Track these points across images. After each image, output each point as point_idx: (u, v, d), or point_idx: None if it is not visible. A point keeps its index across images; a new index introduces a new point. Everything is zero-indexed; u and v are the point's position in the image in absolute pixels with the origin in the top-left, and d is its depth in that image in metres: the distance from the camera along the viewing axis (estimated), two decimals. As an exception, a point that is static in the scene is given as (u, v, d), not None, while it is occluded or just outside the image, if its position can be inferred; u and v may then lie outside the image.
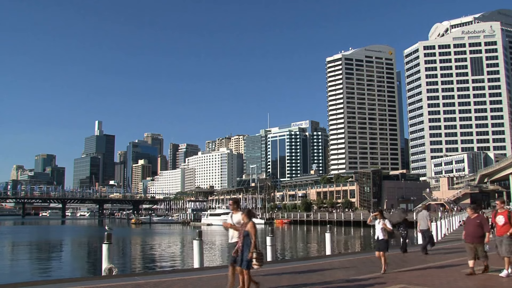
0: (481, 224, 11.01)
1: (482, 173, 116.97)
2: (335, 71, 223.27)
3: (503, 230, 10.88)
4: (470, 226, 11.21)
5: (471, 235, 11.11)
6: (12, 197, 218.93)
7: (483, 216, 11.31)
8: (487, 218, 11.23)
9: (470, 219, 11.32)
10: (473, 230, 11.06)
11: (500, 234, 10.91)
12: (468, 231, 11.25)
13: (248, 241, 8.43)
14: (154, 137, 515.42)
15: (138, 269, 30.39)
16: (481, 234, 10.98)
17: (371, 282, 10.45)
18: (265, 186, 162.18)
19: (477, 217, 11.20)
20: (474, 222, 11.13)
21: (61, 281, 11.16)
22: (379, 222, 11.94)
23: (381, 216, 12.10)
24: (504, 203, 11.41)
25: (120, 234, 70.70)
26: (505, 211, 11.02)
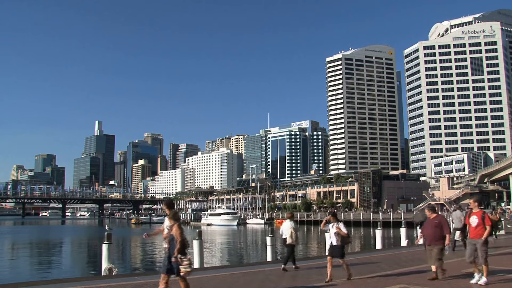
0: (440, 225, 10.23)
1: (482, 173, 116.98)
2: (335, 71, 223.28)
3: (476, 233, 9.99)
4: (428, 227, 10.42)
5: (430, 237, 10.33)
6: (12, 197, 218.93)
7: (442, 217, 10.50)
8: (446, 219, 10.35)
9: (428, 220, 10.56)
10: (432, 231, 10.28)
11: (474, 237, 10.04)
12: (426, 233, 10.47)
13: (174, 246, 7.80)
14: (154, 137, 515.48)
15: (138, 269, 30.40)
16: (439, 236, 10.19)
17: (371, 282, 10.45)
18: (265, 186, 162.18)
19: (436, 218, 10.44)
20: (432, 223, 10.37)
21: (61, 281, 11.16)
22: (333, 226, 10.92)
23: (335, 219, 11.08)
24: (478, 202, 10.42)
25: (120, 234, 70.71)
26: (479, 211, 10.17)
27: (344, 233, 10.82)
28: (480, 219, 9.94)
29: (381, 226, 23.46)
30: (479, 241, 9.81)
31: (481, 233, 9.83)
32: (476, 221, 9.99)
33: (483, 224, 9.88)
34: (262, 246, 43.25)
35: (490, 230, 9.97)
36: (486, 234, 9.81)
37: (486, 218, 9.93)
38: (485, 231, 9.84)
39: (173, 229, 7.94)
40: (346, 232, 10.85)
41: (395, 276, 11.27)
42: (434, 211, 10.60)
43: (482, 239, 9.75)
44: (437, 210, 14.18)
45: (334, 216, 11.19)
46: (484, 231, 9.84)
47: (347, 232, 10.90)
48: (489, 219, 10.00)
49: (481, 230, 9.87)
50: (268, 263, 14.99)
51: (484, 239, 9.77)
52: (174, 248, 7.79)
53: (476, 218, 10.03)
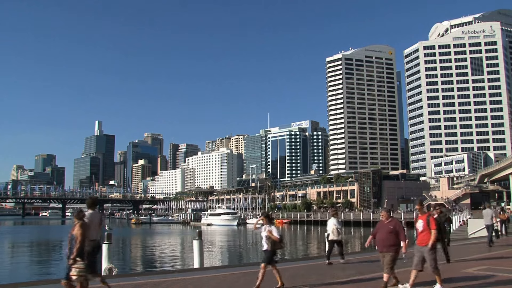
0: (394, 231, 9.10)
1: (482, 173, 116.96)
2: (335, 71, 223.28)
3: (422, 239, 9.08)
4: (382, 232, 9.30)
5: (382, 242, 9.22)
6: (12, 197, 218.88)
7: (398, 222, 9.33)
8: (402, 224, 9.26)
9: (383, 223, 9.37)
10: (385, 237, 9.18)
11: (420, 244, 9.12)
12: (378, 238, 9.35)
13: (73, 247, 7.30)
14: (154, 137, 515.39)
15: (138, 269, 30.40)
16: (392, 242, 9.06)
17: (371, 282, 10.45)
18: (265, 186, 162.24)
19: (391, 222, 9.25)
20: (386, 228, 9.24)
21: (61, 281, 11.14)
22: (265, 229, 9.89)
23: (267, 221, 10.03)
24: (421, 205, 9.45)
25: (120, 234, 70.71)
26: (425, 215, 9.28)
27: (276, 238, 9.78)
28: (425, 224, 9.10)
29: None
30: (426, 248, 8.96)
31: (426, 239, 8.98)
32: (422, 225, 9.16)
33: (429, 228, 9.04)
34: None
35: (436, 235, 9.02)
36: (432, 239, 8.94)
37: (431, 222, 9.08)
38: (431, 236, 8.97)
39: (74, 228, 7.47)
40: (278, 236, 9.81)
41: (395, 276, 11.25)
42: (390, 214, 9.49)
43: (428, 245, 8.91)
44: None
45: (267, 217, 10.13)
46: (430, 236, 8.98)
47: (280, 237, 9.86)
48: (434, 223, 9.11)
49: (426, 236, 9.03)
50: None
51: (430, 245, 8.93)
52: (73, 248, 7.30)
53: (421, 223, 9.20)
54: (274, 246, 9.82)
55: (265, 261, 9.76)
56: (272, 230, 9.80)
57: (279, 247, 9.94)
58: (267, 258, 9.78)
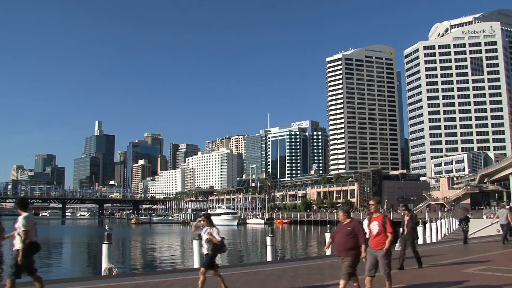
0: (353, 233, 8.19)
1: (482, 173, 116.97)
2: (335, 71, 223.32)
3: (377, 242, 8.34)
4: (339, 234, 8.37)
5: (340, 246, 8.29)
6: (12, 197, 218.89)
7: (357, 223, 8.40)
8: (361, 226, 8.49)
9: (341, 225, 8.48)
10: (343, 240, 8.23)
11: (374, 247, 8.34)
12: (337, 241, 8.43)
13: None
14: (154, 137, 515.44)
15: (138, 269, 30.40)
16: (351, 245, 8.13)
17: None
18: (265, 186, 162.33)
19: (349, 224, 8.35)
20: (345, 230, 8.31)
21: (61, 281, 11.16)
22: (205, 231, 9.25)
23: (208, 223, 9.37)
24: (378, 203, 8.81)
25: (120, 234, 70.73)
26: (379, 216, 8.49)
27: (217, 240, 9.11)
28: (381, 226, 8.33)
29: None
30: (380, 252, 8.23)
31: (382, 242, 8.26)
32: (377, 227, 8.39)
33: (385, 231, 8.28)
34: (262, 246, 43.28)
35: (392, 238, 8.28)
36: (388, 243, 8.22)
37: (387, 224, 8.31)
38: (387, 239, 8.24)
39: None
40: (219, 239, 9.13)
41: (395, 276, 11.26)
42: (349, 215, 8.50)
43: (383, 249, 8.19)
44: (412, 210, 13.75)
45: (208, 218, 9.50)
46: (386, 239, 8.25)
47: (221, 240, 9.20)
48: (391, 225, 8.32)
49: (382, 239, 8.28)
50: (268, 263, 14.99)
51: (386, 249, 8.20)
52: None
53: (376, 225, 8.42)
54: (215, 249, 9.21)
55: (205, 265, 9.19)
56: (213, 233, 9.19)
57: (220, 250, 9.31)
58: (206, 262, 9.19)
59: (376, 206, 8.63)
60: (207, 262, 9.18)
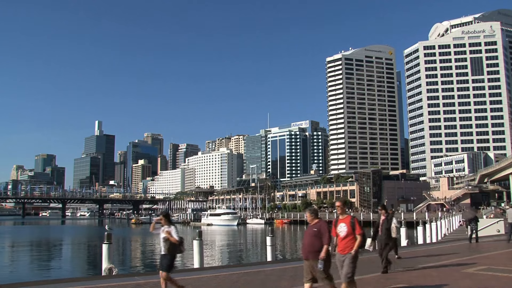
0: (319, 234, 7.67)
1: (482, 173, 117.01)
2: (335, 71, 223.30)
3: (345, 245, 7.75)
4: (306, 236, 7.86)
5: (307, 248, 7.76)
6: (12, 197, 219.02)
7: (324, 223, 7.81)
8: (328, 226, 7.86)
9: (309, 226, 7.94)
10: (310, 241, 7.74)
11: (342, 251, 7.79)
12: (303, 243, 7.92)
13: None
14: (154, 137, 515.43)
15: (138, 269, 30.41)
16: (318, 247, 7.66)
17: (371, 282, 10.46)
18: (265, 186, 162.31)
19: (316, 225, 7.79)
20: (311, 231, 7.76)
21: (61, 281, 11.16)
22: (163, 230, 8.75)
23: (166, 221, 8.84)
24: (345, 203, 8.32)
25: (120, 234, 70.75)
26: (347, 217, 7.94)
27: (175, 240, 8.55)
28: (350, 227, 7.76)
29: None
30: (348, 255, 7.65)
31: (350, 246, 7.68)
32: (345, 229, 7.80)
33: (354, 233, 7.72)
34: (262, 246, 43.29)
35: (361, 240, 7.71)
36: (356, 246, 7.66)
37: (356, 225, 7.74)
38: (356, 242, 7.68)
39: None
40: (177, 238, 8.58)
41: (395, 276, 11.27)
42: (316, 215, 7.95)
43: (352, 252, 7.63)
44: (388, 210, 13.07)
45: (166, 217, 8.95)
46: (354, 242, 7.69)
47: (180, 239, 8.65)
48: (360, 226, 7.79)
49: (350, 242, 7.71)
50: (268, 263, 14.99)
51: (354, 252, 7.64)
52: None
53: (344, 226, 7.83)
54: (173, 250, 8.62)
55: (165, 268, 8.58)
56: (171, 231, 8.61)
57: (178, 251, 8.73)
58: (166, 265, 8.58)
59: (342, 207, 8.10)
60: (167, 264, 8.58)
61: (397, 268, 12.33)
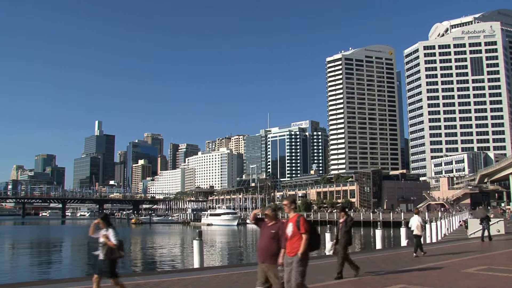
0: (276, 236, 7.07)
1: (482, 173, 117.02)
2: (335, 71, 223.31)
3: (292, 246, 6.99)
4: (262, 237, 7.25)
5: (262, 251, 7.19)
6: (12, 197, 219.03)
7: (283, 225, 7.20)
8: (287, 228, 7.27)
9: (265, 227, 7.27)
10: (266, 244, 7.13)
11: (290, 253, 7.00)
12: (259, 245, 7.32)
13: None
14: (154, 137, 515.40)
15: (138, 269, 30.41)
16: (275, 251, 7.04)
17: (371, 282, 10.46)
18: (265, 186, 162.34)
19: (274, 226, 7.18)
20: (268, 233, 7.17)
21: (61, 281, 11.17)
22: (101, 234, 8.30)
23: (104, 224, 8.34)
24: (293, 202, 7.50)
25: (120, 234, 70.57)
26: (294, 216, 7.18)
27: (112, 244, 8.04)
28: (295, 226, 7.00)
29: (381, 226, 23.47)
30: (295, 257, 6.91)
31: (297, 246, 6.93)
32: (291, 229, 7.06)
33: (299, 232, 6.98)
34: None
35: (308, 239, 6.97)
36: (302, 246, 6.91)
37: (301, 224, 6.99)
38: (301, 243, 6.93)
39: None
40: (115, 242, 8.07)
41: (395, 276, 11.27)
42: (276, 216, 7.34)
43: (298, 254, 6.88)
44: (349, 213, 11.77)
45: (104, 219, 8.45)
46: (300, 243, 6.94)
47: (118, 242, 8.14)
48: (305, 224, 7.02)
49: (297, 242, 6.95)
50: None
51: (301, 253, 6.87)
52: None
53: (291, 226, 7.08)
54: (111, 254, 8.04)
55: (110, 274, 8.03)
56: (108, 235, 8.08)
57: (117, 255, 8.10)
58: (109, 270, 8.00)
59: (290, 206, 7.32)
60: (110, 270, 8.04)
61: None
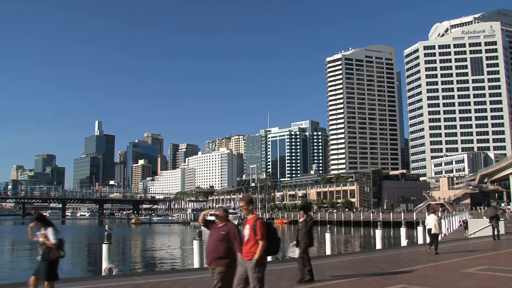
0: (226, 238, 6.68)
1: (482, 173, 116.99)
2: (335, 71, 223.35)
3: (248, 251, 6.62)
4: (211, 239, 6.86)
5: (210, 253, 6.78)
6: (12, 197, 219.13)
7: (234, 226, 6.83)
8: (239, 230, 6.81)
9: (215, 228, 6.92)
10: (214, 246, 6.73)
11: (245, 257, 6.63)
12: (207, 247, 6.92)
13: None
14: (154, 137, 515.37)
15: (138, 269, 30.40)
16: (223, 253, 6.62)
17: (371, 282, 10.45)
18: (265, 186, 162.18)
19: (225, 227, 6.81)
20: (217, 234, 6.79)
21: (61, 281, 11.15)
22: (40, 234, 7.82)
23: (41, 224, 7.87)
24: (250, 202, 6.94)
25: (120, 234, 70.70)
26: (252, 218, 6.77)
27: (51, 243, 7.64)
28: (252, 231, 6.62)
29: (381, 226, 23.47)
30: (249, 263, 6.54)
31: (253, 252, 6.57)
32: (248, 233, 6.69)
33: (256, 237, 6.59)
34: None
35: (265, 245, 6.58)
36: (259, 252, 6.53)
37: (258, 228, 6.60)
38: (258, 247, 6.56)
39: None
40: (54, 241, 7.67)
41: (395, 276, 11.27)
42: (226, 217, 6.94)
43: (253, 260, 6.50)
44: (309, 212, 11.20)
45: (39, 219, 7.96)
46: (257, 247, 6.57)
47: (57, 242, 7.75)
48: (262, 229, 6.62)
49: (253, 247, 6.60)
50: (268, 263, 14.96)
51: (256, 259, 6.49)
52: None
53: (248, 229, 6.72)
54: (49, 254, 7.66)
55: (47, 277, 7.63)
56: (47, 234, 7.64)
57: (56, 255, 7.71)
58: (46, 273, 7.61)
59: (247, 207, 6.81)
60: (47, 273, 7.65)
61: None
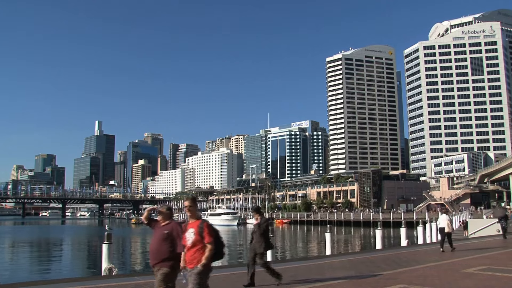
0: (170, 237, 6.27)
1: (482, 173, 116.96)
2: (335, 71, 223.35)
3: (192, 257, 6.01)
4: (154, 239, 6.42)
5: (153, 254, 6.33)
6: (12, 197, 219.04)
7: (177, 225, 6.40)
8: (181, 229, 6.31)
9: (158, 227, 6.49)
10: (157, 246, 6.30)
11: (189, 264, 6.02)
12: (150, 247, 6.48)
13: None
14: (154, 137, 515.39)
15: (138, 269, 30.41)
16: (166, 254, 6.20)
17: (371, 282, 10.45)
18: (265, 186, 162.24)
19: (167, 226, 6.39)
20: (160, 233, 6.36)
21: (61, 281, 11.14)
22: None
23: None
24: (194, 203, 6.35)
25: (120, 234, 70.73)
26: (196, 221, 6.18)
27: None
28: (198, 234, 6.03)
29: (381, 226, 23.47)
30: (195, 270, 5.90)
31: (198, 257, 5.97)
32: (192, 236, 6.06)
33: (202, 241, 6.01)
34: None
35: (213, 251, 6.03)
36: (205, 257, 5.94)
37: (205, 232, 6.05)
38: (205, 252, 5.97)
39: None
40: None
41: (395, 276, 11.26)
42: (171, 215, 6.60)
43: (199, 266, 5.89)
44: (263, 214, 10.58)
45: None
46: (203, 252, 5.98)
47: None
48: (210, 232, 6.11)
49: (198, 252, 5.99)
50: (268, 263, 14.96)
51: (203, 265, 5.90)
52: None
53: (192, 232, 6.09)
54: None
55: None
56: None
57: None
58: None
59: (192, 208, 6.27)
60: None
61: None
